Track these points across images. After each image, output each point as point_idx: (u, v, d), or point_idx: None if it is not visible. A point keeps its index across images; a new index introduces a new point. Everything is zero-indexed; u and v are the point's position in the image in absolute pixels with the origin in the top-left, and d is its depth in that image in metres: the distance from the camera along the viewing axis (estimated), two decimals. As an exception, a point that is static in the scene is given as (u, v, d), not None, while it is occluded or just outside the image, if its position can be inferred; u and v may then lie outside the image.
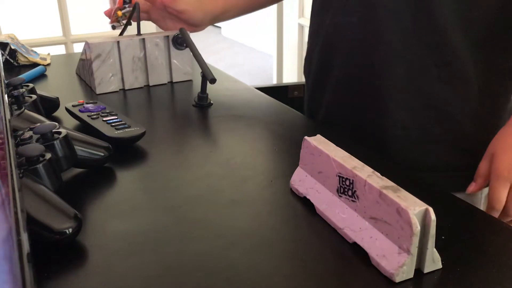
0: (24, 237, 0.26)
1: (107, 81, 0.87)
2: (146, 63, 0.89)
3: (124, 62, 0.87)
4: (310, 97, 0.87)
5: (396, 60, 0.69)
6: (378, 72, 0.71)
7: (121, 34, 0.94)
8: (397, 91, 0.70)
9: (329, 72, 0.78)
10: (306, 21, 2.48)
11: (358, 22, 0.71)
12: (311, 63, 0.85)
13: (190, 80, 0.94)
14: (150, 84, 0.91)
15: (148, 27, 1.84)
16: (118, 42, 0.85)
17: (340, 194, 0.46)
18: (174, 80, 0.93)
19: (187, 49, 0.89)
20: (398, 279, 0.39)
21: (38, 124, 0.54)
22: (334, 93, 0.79)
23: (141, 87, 0.90)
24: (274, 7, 2.71)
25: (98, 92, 0.86)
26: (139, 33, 0.88)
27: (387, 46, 0.69)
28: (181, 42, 0.89)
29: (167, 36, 0.89)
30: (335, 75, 0.77)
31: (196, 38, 0.88)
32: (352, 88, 0.76)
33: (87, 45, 0.86)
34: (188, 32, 0.88)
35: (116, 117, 0.68)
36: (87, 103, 0.72)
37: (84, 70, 0.92)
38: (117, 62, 0.87)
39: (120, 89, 0.89)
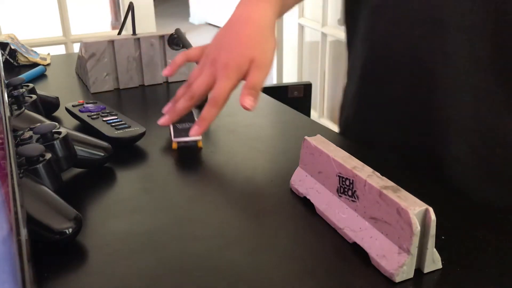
0: (24, 237, 0.26)
1: (101, 80, 0.87)
2: (141, 63, 0.89)
3: (118, 61, 0.87)
4: (351, 112, 0.76)
5: (461, 85, 0.59)
6: (439, 96, 0.61)
7: (119, 33, 0.94)
8: (460, 120, 0.60)
9: (381, 88, 0.68)
10: (306, 21, 2.48)
11: (420, 37, 0.61)
12: (357, 73, 0.74)
13: (186, 80, 0.93)
14: (145, 84, 0.91)
15: (144, 27, 1.84)
16: (112, 41, 0.86)
17: (340, 194, 0.46)
18: (170, 80, 0.93)
19: (183, 49, 0.89)
20: (398, 279, 0.39)
21: (38, 124, 0.54)
22: (382, 111, 0.69)
23: (136, 87, 0.90)
24: (274, 7, 2.71)
25: (92, 91, 0.87)
26: (134, 33, 0.88)
27: (453, 69, 0.59)
28: (176, 42, 0.89)
29: (163, 36, 0.89)
30: (388, 92, 0.67)
31: (196, 38, 0.88)
32: (405, 108, 0.65)
33: (82, 44, 0.86)
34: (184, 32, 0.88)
35: (116, 117, 0.68)
36: (87, 103, 0.72)
37: (81, 69, 0.93)
38: (112, 62, 0.87)
39: (114, 88, 0.89)
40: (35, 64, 1.04)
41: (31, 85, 0.71)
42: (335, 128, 0.65)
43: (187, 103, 0.62)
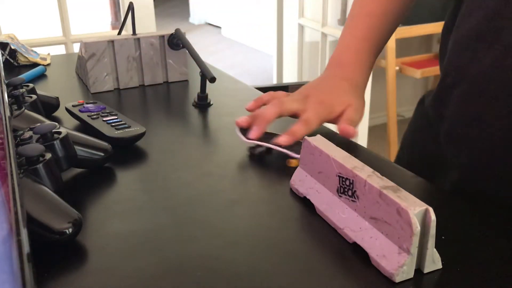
0: (24, 237, 0.26)
1: (101, 80, 0.87)
2: (141, 63, 0.89)
3: (118, 61, 0.87)
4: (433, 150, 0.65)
5: None
6: None
7: (119, 33, 0.94)
8: None
9: (473, 125, 0.56)
10: (306, 21, 2.48)
11: None
12: (444, 105, 0.61)
13: (186, 80, 0.94)
14: (146, 84, 0.91)
15: (144, 27, 1.84)
16: (112, 41, 0.86)
17: (340, 194, 0.46)
18: (169, 80, 0.93)
19: (183, 49, 0.89)
20: (398, 279, 0.39)
21: (38, 124, 0.54)
22: (475, 150, 0.57)
23: (136, 87, 0.90)
24: (274, 7, 2.71)
25: (92, 91, 0.87)
26: (134, 33, 0.88)
27: None
28: (176, 42, 0.89)
29: (163, 36, 0.89)
30: (482, 130, 0.55)
31: (196, 38, 0.88)
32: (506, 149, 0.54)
33: (82, 44, 0.86)
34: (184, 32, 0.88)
35: (116, 117, 0.68)
36: (87, 103, 0.72)
37: (81, 69, 0.93)
38: (112, 62, 0.87)
39: (115, 89, 0.89)
40: (35, 64, 1.04)
41: (31, 85, 0.71)
42: (335, 128, 0.65)
43: (277, 110, 0.62)
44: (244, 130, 0.63)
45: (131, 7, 0.89)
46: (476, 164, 0.57)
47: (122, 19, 1.02)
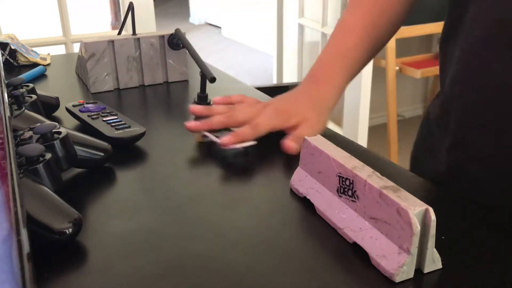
0: (24, 237, 0.26)
1: (101, 80, 0.87)
2: (141, 63, 0.89)
3: (118, 61, 0.87)
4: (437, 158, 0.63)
5: None
6: None
7: (119, 33, 0.94)
8: None
9: (484, 133, 0.55)
10: (306, 21, 2.48)
11: None
12: (449, 115, 0.60)
13: (186, 81, 0.94)
14: (146, 84, 0.91)
15: (144, 27, 1.84)
16: (112, 41, 0.86)
17: (340, 194, 0.46)
18: (169, 80, 0.93)
19: (183, 49, 0.89)
20: (398, 279, 0.39)
21: (38, 124, 0.54)
22: (487, 159, 0.56)
23: (136, 87, 0.90)
24: (274, 7, 2.71)
25: (92, 91, 0.87)
26: (134, 33, 0.88)
27: None
28: (176, 42, 0.89)
29: (163, 36, 0.89)
30: (494, 139, 0.54)
31: (196, 38, 0.88)
32: None
33: (82, 44, 0.86)
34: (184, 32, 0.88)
35: (116, 117, 0.68)
36: (87, 103, 0.72)
37: (81, 69, 0.93)
38: (112, 62, 0.87)
39: (115, 89, 0.89)
40: (35, 64, 1.04)
41: (31, 85, 0.71)
42: (335, 128, 0.65)
43: (224, 120, 0.63)
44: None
45: (131, 7, 0.89)
46: (487, 174, 0.56)
47: (122, 19, 1.02)
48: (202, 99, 0.80)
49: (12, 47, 1.04)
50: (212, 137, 0.62)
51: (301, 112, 0.64)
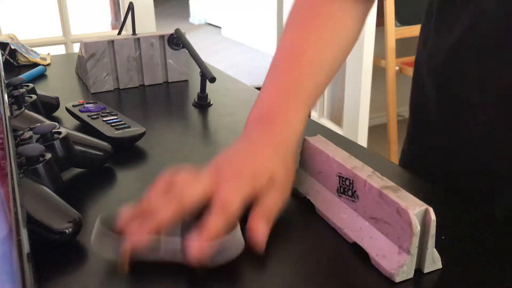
0: (24, 237, 0.26)
1: (101, 80, 0.87)
2: (141, 63, 0.89)
3: (118, 61, 0.87)
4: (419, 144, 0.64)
5: None
6: None
7: (119, 33, 0.95)
8: None
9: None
10: (306, 21, 2.47)
11: None
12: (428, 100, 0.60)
13: (186, 80, 0.94)
14: (145, 84, 0.91)
15: (144, 27, 1.84)
16: (112, 41, 0.86)
17: (340, 194, 0.46)
18: (169, 80, 0.93)
19: (183, 49, 0.89)
20: (398, 279, 0.39)
21: (38, 124, 0.54)
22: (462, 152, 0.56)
23: (136, 87, 0.90)
24: (274, 7, 2.71)
25: (92, 91, 0.87)
26: (134, 33, 0.88)
27: None
28: (176, 42, 0.89)
29: (163, 36, 0.89)
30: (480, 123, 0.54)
31: (196, 38, 0.88)
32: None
33: (82, 44, 0.86)
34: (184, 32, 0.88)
35: (116, 117, 0.68)
36: (87, 103, 0.72)
37: (81, 69, 0.93)
38: (112, 62, 0.87)
39: (115, 89, 0.89)
40: (35, 64, 1.04)
41: (31, 85, 0.71)
42: (335, 128, 0.65)
43: (172, 205, 0.41)
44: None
45: (131, 7, 0.89)
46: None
47: (122, 19, 1.02)
48: (202, 99, 0.80)
49: (12, 47, 1.04)
50: (162, 251, 0.40)
51: (267, 167, 0.46)
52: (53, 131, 0.52)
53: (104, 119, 0.67)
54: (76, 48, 1.86)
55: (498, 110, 0.52)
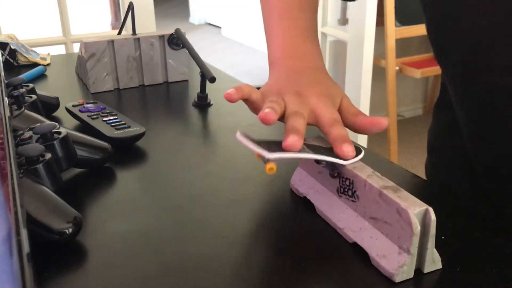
0: (24, 237, 0.26)
1: (101, 80, 0.87)
2: (141, 63, 0.89)
3: (118, 61, 0.87)
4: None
5: None
6: None
7: (119, 33, 0.94)
8: None
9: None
10: (306, 21, 2.47)
11: None
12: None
13: (186, 80, 0.94)
14: (145, 84, 0.91)
15: (144, 27, 1.84)
16: (112, 41, 0.86)
17: (340, 194, 0.46)
18: (169, 80, 0.93)
19: (183, 49, 0.89)
20: (398, 279, 0.39)
21: (38, 124, 0.54)
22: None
23: (136, 87, 0.90)
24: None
25: (92, 91, 0.87)
26: (134, 33, 0.88)
27: None
28: (176, 42, 0.89)
29: (163, 36, 0.89)
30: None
31: (196, 38, 0.87)
32: None
33: (82, 44, 0.86)
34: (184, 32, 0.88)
35: (116, 117, 0.68)
36: (87, 103, 0.72)
37: (81, 69, 0.93)
38: (112, 62, 0.87)
39: (114, 89, 0.89)
40: (35, 64, 1.04)
41: (31, 85, 0.71)
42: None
43: (303, 121, 0.45)
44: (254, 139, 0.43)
45: (131, 7, 0.89)
46: None
47: (122, 19, 1.02)
48: (202, 99, 0.80)
49: (12, 47, 1.04)
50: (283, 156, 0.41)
51: (336, 89, 0.51)
52: (53, 131, 0.52)
53: (104, 119, 0.67)
54: (76, 48, 1.86)
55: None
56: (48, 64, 1.06)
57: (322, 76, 0.53)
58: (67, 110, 0.72)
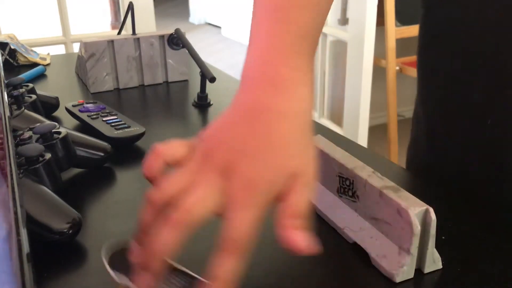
0: (24, 237, 0.26)
1: (101, 80, 0.87)
2: (141, 63, 0.89)
3: (118, 61, 0.87)
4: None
5: None
6: None
7: (119, 33, 0.94)
8: None
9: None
10: (306, 21, 2.47)
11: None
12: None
13: (186, 80, 0.94)
14: (145, 84, 0.91)
15: (144, 27, 1.84)
16: (112, 41, 0.86)
17: (340, 194, 0.46)
18: (169, 80, 0.93)
19: (183, 49, 0.89)
20: (398, 279, 0.39)
21: (38, 124, 0.54)
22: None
23: (136, 87, 0.90)
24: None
25: (92, 91, 0.87)
26: (134, 33, 0.88)
27: None
28: (176, 42, 0.89)
29: (162, 36, 0.89)
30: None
31: (196, 38, 0.87)
32: None
33: (82, 44, 0.86)
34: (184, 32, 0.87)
35: (116, 117, 0.68)
36: (87, 103, 0.72)
37: (80, 69, 0.93)
38: (112, 62, 0.87)
39: (114, 89, 0.89)
40: (35, 64, 1.04)
41: (31, 85, 0.71)
42: (335, 128, 0.64)
43: (173, 235, 0.36)
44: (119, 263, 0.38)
45: (131, 7, 0.89)
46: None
47: (122, 19, 1.02)
48: (202, 99, 0.80)
49: (12, 47, 1.04)
50: None
51: (286, 167, 0.37)
52: (52, 131, 0.52)
53: (103, 119, 0.67)
54: (76, 48, 1.86)
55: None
56: (48, 64, 1.06)
57: (288, 130, 0.38)
58: (67, 110, 0.72)
